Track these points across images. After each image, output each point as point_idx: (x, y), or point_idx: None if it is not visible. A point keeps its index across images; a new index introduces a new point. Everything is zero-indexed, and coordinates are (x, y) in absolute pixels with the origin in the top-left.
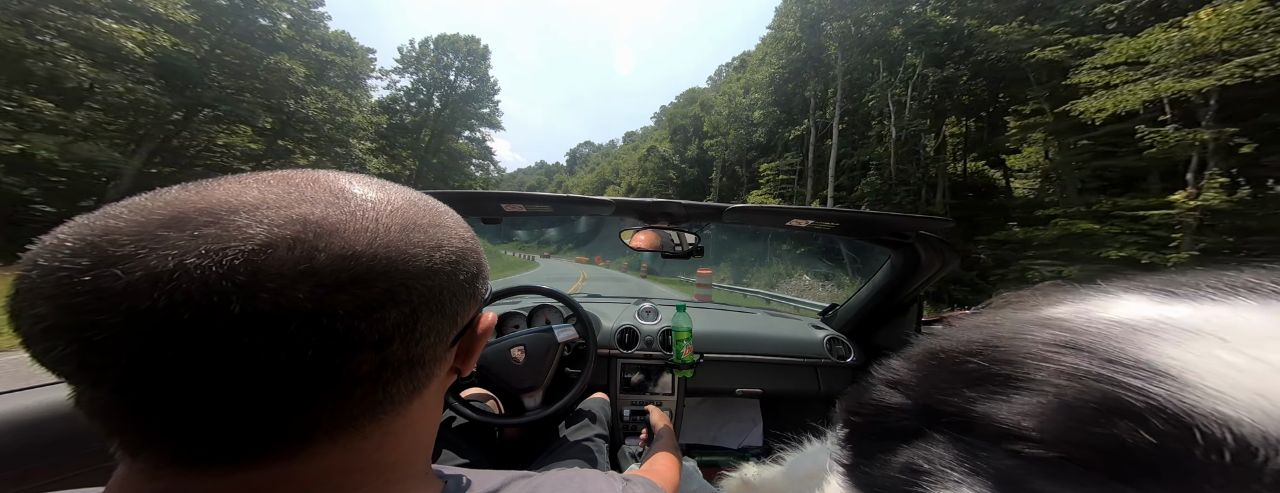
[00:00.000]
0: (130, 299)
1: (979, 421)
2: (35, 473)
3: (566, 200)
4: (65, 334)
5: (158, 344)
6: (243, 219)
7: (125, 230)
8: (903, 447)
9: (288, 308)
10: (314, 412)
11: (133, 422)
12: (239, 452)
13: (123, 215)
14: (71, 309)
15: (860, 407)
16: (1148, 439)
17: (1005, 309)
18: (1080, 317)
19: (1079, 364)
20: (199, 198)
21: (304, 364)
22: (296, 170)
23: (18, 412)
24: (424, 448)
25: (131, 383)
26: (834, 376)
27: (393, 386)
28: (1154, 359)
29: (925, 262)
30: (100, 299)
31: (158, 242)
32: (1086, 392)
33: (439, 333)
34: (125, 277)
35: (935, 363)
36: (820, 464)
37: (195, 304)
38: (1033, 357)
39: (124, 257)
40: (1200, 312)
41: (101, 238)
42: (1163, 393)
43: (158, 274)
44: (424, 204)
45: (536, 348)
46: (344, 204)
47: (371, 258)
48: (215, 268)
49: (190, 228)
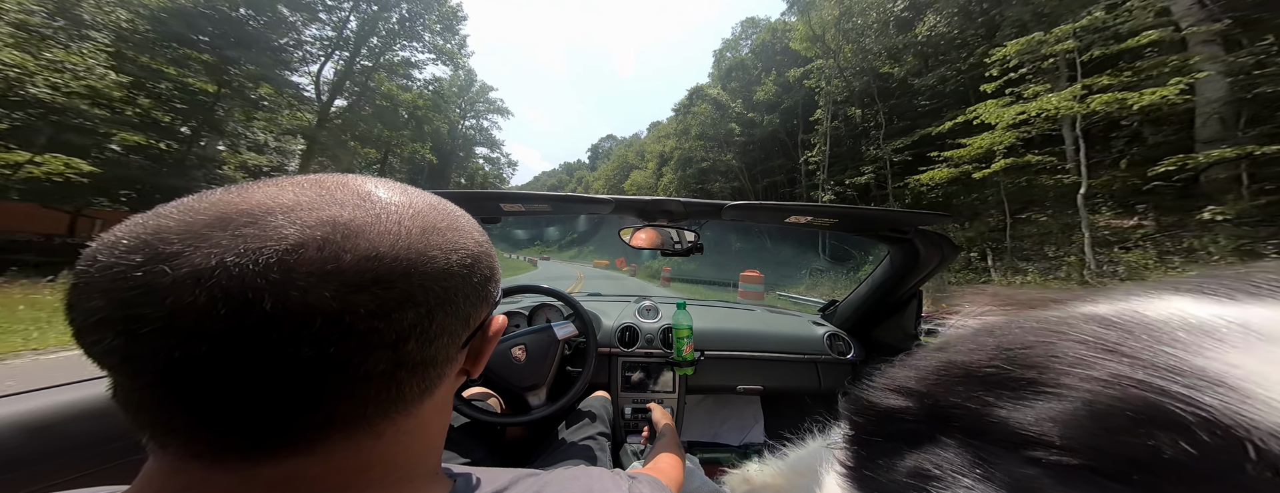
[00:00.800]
0: (175, 294)
1: (995, 425)
2: (59, 471)
3: (565, 199)
4: (114, 327)
5: (195, 338)
6: (278, 220)
7: (175, 229)
8: (910, 451)
9: (315, 306)
10: (331, 408)
11: (165, 413)
12: (262, 446)
13: (173, 215)
14: (123, 303)
15: (864, 409)
16: (1189, 452)
17: (1030, 307)
18: (1123, 316)
19: (1118, 369)
20: (241, 199)
21: (326, 361)
22: (328, 174)
23: (41, 411)
24: (435, 448)
25: (168, 375)
26: (834, 371)
27: (406, 385)
28: (1208, 365)
29: (924, 257)
30: (149, 294)
31: (202, 241)
32: (1124, 398)
33: (452, 334)
34: (172, 273)
35: (948, 365)
36: (822, 462)
37: (232, 300)
38: (1062, 360)
39: (173, 254)
40: (1274, 314)
41: (153, 236)
42: (1216, 403)
43: (201, 271)
44: (443, 208)
45: (537, 347)
46: (370, 207)
47: (393, 260)
48: (252, 266)
49: (232, 228)
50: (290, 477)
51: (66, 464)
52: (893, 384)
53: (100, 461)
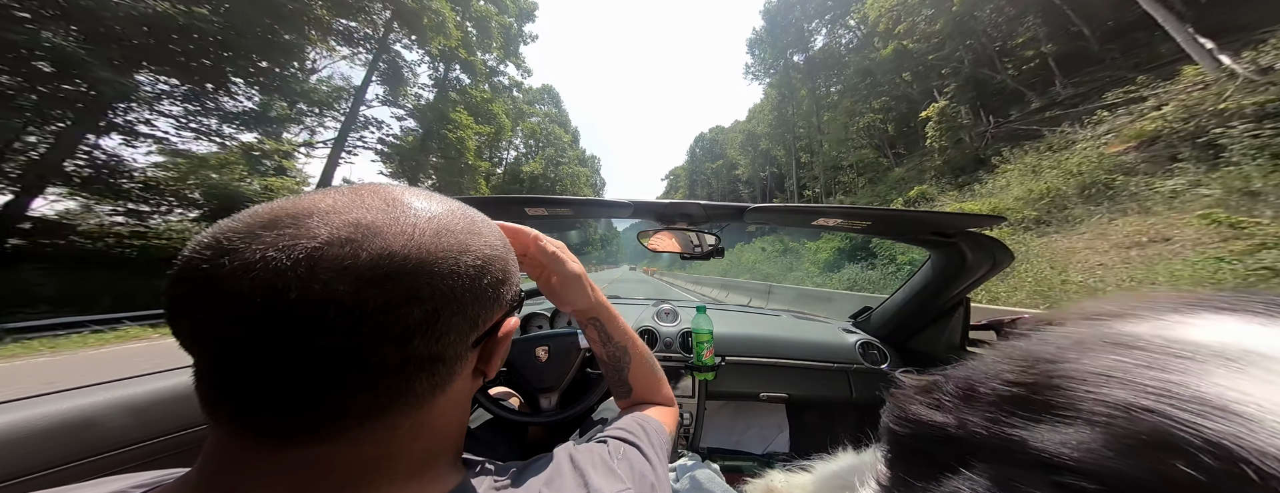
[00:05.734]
0: (229, 283)
1: (1023, 448)
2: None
3: (586, 203)
4: (187, 310)
5: (238, 322)
6: (315, 222)
7: (238, 229)
8: (946, 473)
9: (331, 298)
10: (350, 398)
11: (216, 391)
12: (288, 429)
13: (242, 218)
14: (195, 289)
15: (904, 421)
16: (1195, 476)
17: (1070, 324)
18: (1150, 339)
19: (1126, 397)
20: (293, 205)
21: (340, 351)
22: (367, 184)
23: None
24: (452, 443)
25: (220, 355)
26: (868, 382)
27: (415, 379)
28: (1212, 393)
29: (972, 262)
30: (211, 281)
31: (255, 238)
32: (1134, 424)
33: (458, 332)
34: (229, 265)
35: (978, 385)
36: (854, 476)
37: (267, 290)
38: (1082, 383)
39: (233, 250)
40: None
41: (222, 235)
42: (1220, 429)
43: (249, 263)
44: (462, 213)
45: (560, 349)
46: (390, 210)
47: (403, 258)
48: (285, 260)
49: (278, 228)
50: (316, 460)
51: (107, 463)
52: (933, 400)
53: (139, 460)
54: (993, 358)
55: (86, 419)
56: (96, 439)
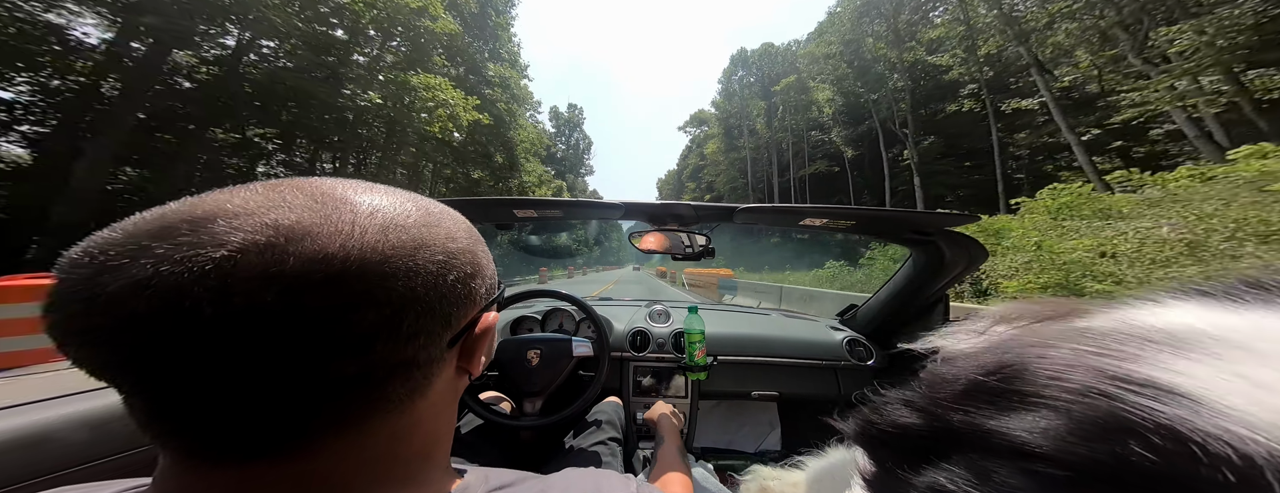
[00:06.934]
0: (117, 306)
1: (994, 439)
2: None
3: (576, 204)
4: (73, 338)
5: (148, 346)
6: (220, 227)
7: (118, 242)
8: (925, 465)
9: (258, 310)
10: (310, 411)
11: (152, 417)
12: (246, 449)
13: (121, 228)
14: (73, 316)
15: (873, 426)
16: (1148, 457)
17: (1036, 321)
18: (1110, 328)
19: (1086, 381)
20: (187, 209)
21: (285, 365)
22: (290, 179)
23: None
24: (440, 447)
25: (141, 382)
26: (855, 378)
27: (388, 386)
28: (1161, 376)
29: (950, 260)
30: (92, 305)
31: (142, 251)
32: (1093, 409)
33: (429, 334)
34: (112, 285)
35: (951, 379)
36: (843, 472)
37: (172, 309)
38: (1046, 373)
39: (113, 267)
40: (1241, 320)
41: (98, 250)
42: (1167, 411)
43: (139, 281)
44: (413, 205)
45: (551, 354)
46: (320, 208)
47: (344, 260)
48: (187, 274)
49: (171, 237)
50: (286, 477)
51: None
52: (902, 398)
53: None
54: (964, 352)
55: (42, 435)
56: (53, 457)
